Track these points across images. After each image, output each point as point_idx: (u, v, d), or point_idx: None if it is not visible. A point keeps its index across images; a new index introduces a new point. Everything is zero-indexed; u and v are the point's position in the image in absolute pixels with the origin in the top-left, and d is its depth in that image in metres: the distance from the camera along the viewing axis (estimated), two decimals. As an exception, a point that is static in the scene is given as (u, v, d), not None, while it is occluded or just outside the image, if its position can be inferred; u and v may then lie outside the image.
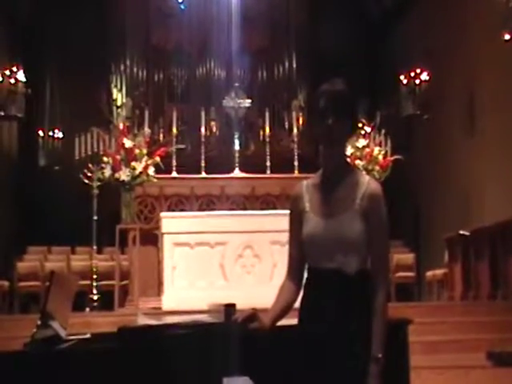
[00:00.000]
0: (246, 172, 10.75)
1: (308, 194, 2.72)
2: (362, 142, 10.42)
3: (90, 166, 10.00)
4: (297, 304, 2.76)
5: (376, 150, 10.44)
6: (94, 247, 10.40)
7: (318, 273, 2.64)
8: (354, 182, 2.67)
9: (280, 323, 2.74)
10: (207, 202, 10.24)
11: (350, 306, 2.58)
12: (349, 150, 10.22)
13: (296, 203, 2.75)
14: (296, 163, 10.84)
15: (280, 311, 2.72)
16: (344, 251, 2.59)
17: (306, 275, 2.73)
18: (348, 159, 2.80)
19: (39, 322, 2.84)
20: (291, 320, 2.76)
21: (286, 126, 15.28)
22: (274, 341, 2.69)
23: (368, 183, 2.66)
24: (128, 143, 9.46)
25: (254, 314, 2.71)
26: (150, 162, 9.50)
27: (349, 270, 2.59)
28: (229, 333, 2.67)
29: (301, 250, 2.73)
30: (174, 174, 10.36)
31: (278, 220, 8.42)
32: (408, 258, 11.64)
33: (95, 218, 10.19)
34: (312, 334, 2.60)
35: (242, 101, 10.95)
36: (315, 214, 2.67)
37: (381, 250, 2.65)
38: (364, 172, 3.80)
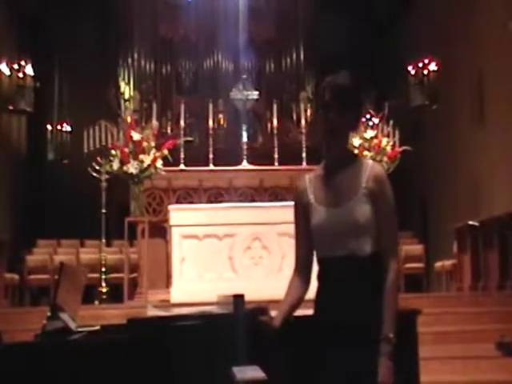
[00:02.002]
0: (254, 164, 10.74)
1: (311, 187, 2.73)
2: (370, 133, 10.40)
3: (99, 159, 10.02)
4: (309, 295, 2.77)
5: (384, 140, 10.41)
6: (103, 240, 10.41)
7: (331, 262, 2.64)
8: (357, 168, 2.69)
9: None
10: (215, 195, 10.25)
11: (368, 290, 2.59)
12: (357, 141, 10.21)
13: (300, 197, 2.76)
14: (304, 155, 10.83)
15: (289, 310, 2.73)
16: (356, 237, 2.61)
17: (316, 267, 2.73)
18: (350, 147, 2.82)
19: (49, 314, 2.86)
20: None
21: (294, 118, 15.27)
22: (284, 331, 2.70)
23: (371, 166, 2.69)
24: (136, 136, 9.46)
25: (265, 308, 2.74)
26: (158, 154, 9.50)
27: (362, 255, 2.61)
28: (237, 323, 2.68)
29: (308, 243, 2.75)
30: (182, 167, 10.36)
31: (287, 212, 8.32)
32: (417, 248, 11.62)
33: (104, 210, 10.21)
34: (331, 321, 2.60)
35: (249, 93, 10.93)
36: (321, 204, 2.68)
37: (390, 229, 2.67)
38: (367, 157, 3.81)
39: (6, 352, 2.68)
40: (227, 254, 8.47)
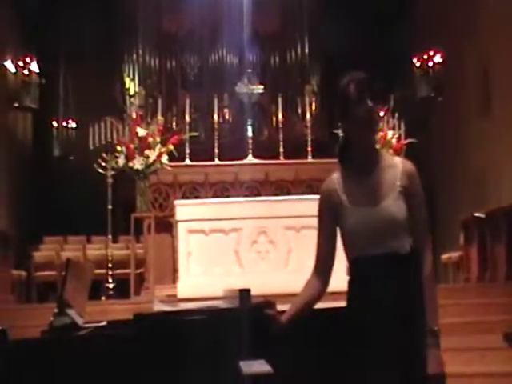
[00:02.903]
0: (260, 158, 10.73)
1: (341, 187, 2.71)
2: (375, 126, 10.35)
3: (104, 155, 10.03)
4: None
5: (390, 133, 10.38)
6: (109, 236, 10.43)
7: (369, 261, 2.63)
8: (387, 165, 2.70)
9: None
10: (221, 189, 10.24)
11: (410, 286, 2.61)
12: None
13: (329, 198, 2.73)
14: (309, 148, 10.82)
15: (300, 308, 2.73)
16: (395, 235, 2.62)
17: (350, 269, 2.72)
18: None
19: (56, 310, 2.87)
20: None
21: (299, 112, 15.26)
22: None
23: (402, 163, 2.73)
24: (141, 132, 9.47)
25: (272, 303, 2.74)
26: (163, 150, 9.51)
27: (402, 252, 2.63)
28: (244, 317, 2.68)
29: (331, 245, 2.74)
30: (188, 162, 10.37)
31: (293, 205, 8.41)
32: (424, 241, 11.59)
33: (110, 206, 10.22)
34: (377, 317, 2.60)
35: (254, 87, 10.93)
36: (357, 205, 2.66)
37: (424, 223, 2.70)
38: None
39: (13, 348, 2.69)
40: (233, 248, 8.47)
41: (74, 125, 15.59)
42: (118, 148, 9.57)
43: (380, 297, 2.59)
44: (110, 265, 10.08)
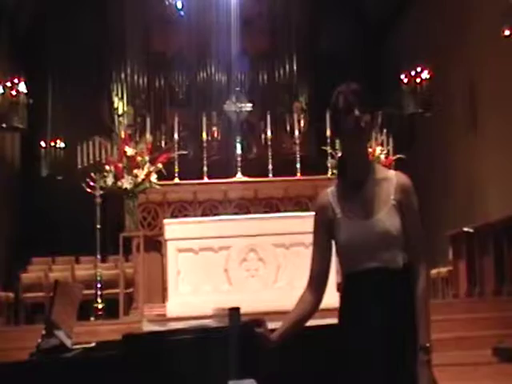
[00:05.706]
0: (249, 176, 10.73)
1: (336, 201, 2.69)
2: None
3: (93, 174, 10.02)
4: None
5: (378, 149, 10.41)
6: (98, 256, 10.40)
7: (361, 275, 2.61)
8: (382, 178, 2.68)
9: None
10: (210, 207, 10.23)
11: (401, 300, 2.58)
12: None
13: (323, 212, 2.71)
14: (298, 165, 10.84)
15: (292, 324, 2.70)
16: (388, 249, 2.59)
17: (342, 283, 2.68)
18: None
19: (44, 332, 2.86)
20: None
21: (288, 129, 15.30)
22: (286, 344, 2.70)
23: (397, 176, 2.70)
24: (130, 151, 9.47)
25: (262, 320, 2.72)
26: (152, 169, 9.50)
27: (395, 266, 2.60)
28: (233, 336, 2.68)
29: (326, 259, 2.72)
30: (177, 180, 10.36)
31: (282, 223, 8.42)
32: (413, 256, 11.61)
33: (99, 226, 10.20)
34: (366, 332, 2.57)
35: (243, 105, 10.94)
36: (350, 217, 2.64)
37: (419, 238, 2.67)
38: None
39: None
40: (223, 266, 8.45)
41: (62, 144, 15.58)
42: (107, 167, 9.56)
43: (370, 312, 2.57)
44: (98, 285, 10.04)
